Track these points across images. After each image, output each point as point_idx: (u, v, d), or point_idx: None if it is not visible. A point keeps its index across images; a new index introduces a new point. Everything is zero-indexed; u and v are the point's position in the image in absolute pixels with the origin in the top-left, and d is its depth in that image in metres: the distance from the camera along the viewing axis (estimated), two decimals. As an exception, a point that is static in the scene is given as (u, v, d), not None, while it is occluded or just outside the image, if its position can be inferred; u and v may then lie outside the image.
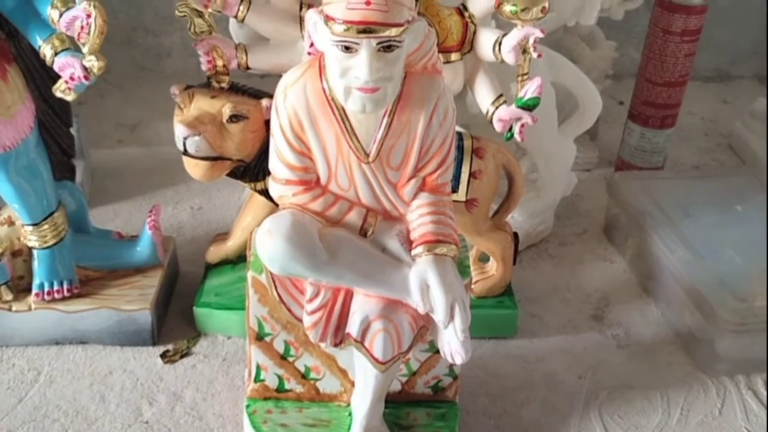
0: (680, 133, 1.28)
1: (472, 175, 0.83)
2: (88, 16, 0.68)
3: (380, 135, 0.63)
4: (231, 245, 0.90)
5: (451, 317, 0.63)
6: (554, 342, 0.90)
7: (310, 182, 0.66)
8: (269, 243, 0.62)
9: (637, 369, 0.87)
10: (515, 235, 0.90)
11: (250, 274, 0.70)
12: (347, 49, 0.58)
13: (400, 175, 0.66)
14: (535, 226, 1.03)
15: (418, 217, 0.66)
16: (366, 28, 0.57)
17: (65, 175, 0.86)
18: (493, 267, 0.90)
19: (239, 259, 0.90)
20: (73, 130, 0.86)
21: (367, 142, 0.64)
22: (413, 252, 0.65)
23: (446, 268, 0.64)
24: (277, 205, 0.68)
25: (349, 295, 0.67)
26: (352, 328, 0.66)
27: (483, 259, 0.92)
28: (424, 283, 0.64)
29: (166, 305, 0.90)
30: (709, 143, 1.34)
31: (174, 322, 0.89)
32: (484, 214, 0.86)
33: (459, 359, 0.65)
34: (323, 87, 0.62)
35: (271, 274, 0.67)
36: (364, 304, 0.65)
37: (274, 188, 0.66)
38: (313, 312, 0.67)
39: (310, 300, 0.66)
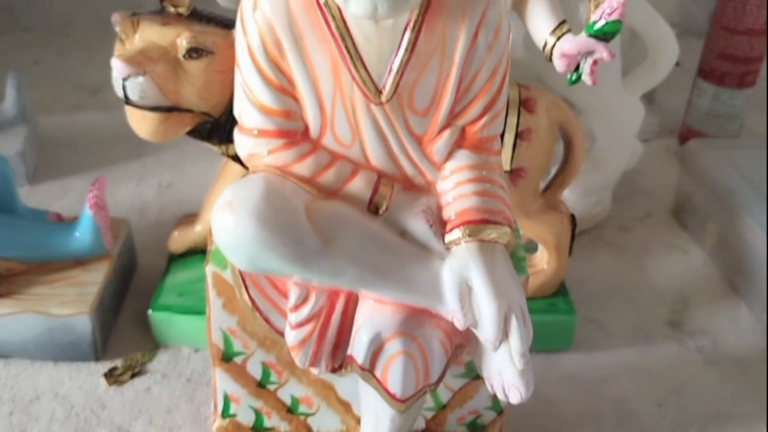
0: (761, 95, 1.06)
1: (519, 135, 0.62)
2: None
3: (399, 61, 0.43)
4: (200, 231, 0.70)
5: (506, 335, 0.43)
6: (622, 356, 0.70)
7: (293, 133, 0.45)
8: (230, 224, 0.42)
9: (734, 392, 0.67)
10: (572, 217, 0.69)
11: (209, 269, 0.49)
12: None
13: (429, 123, 0.45)
14: (589, 207, 0.83)
15: (455, 186, 0.45)
16: None
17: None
18: (543, 259, 0.69)
19: (211, 248, 0.69)
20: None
21: (380, 72, 0.43)
22: (448, 237, 0.44)
23: (497, 262, 0.44)
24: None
25: (351, 302, 0.46)
26: (357, 350, 0.45)
27: (529, 248, 0.70)
28: (465, 284, 0.43)
29: (115, 309, 0.70)
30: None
31: (126, 331, 0.70)
32: (534, 189, 0.66)
33: (516, 396, 0.44)
34: (313, -14, 0.41)
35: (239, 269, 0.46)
36: (374, 316, 0.44)
37: (242, 143, 0.46)
38: (299, 325, 0.46)
39: (296, 308, 0.45)
